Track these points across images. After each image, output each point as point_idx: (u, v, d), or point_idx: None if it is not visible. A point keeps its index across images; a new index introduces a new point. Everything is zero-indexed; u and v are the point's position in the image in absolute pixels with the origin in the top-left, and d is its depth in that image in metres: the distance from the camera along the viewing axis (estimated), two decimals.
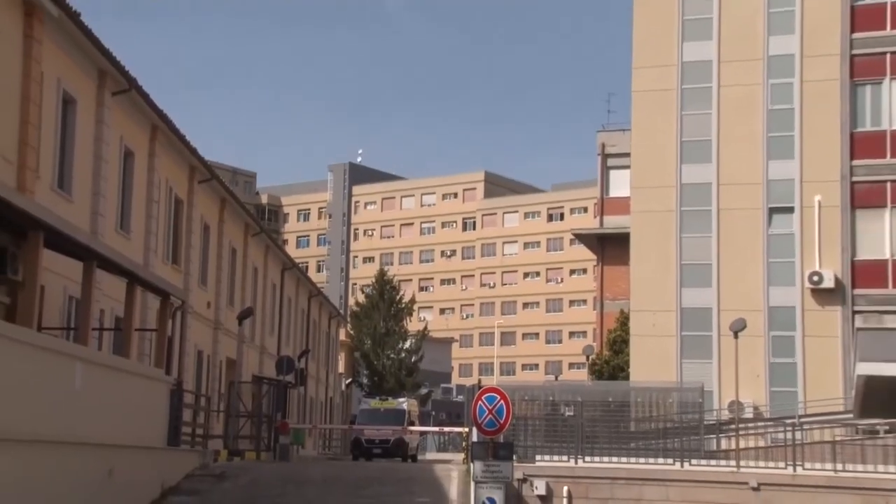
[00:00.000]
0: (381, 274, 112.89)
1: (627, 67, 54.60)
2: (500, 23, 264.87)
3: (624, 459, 35.21)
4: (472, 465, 22.98)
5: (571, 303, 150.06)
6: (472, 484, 22.82)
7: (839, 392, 44.13)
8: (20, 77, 26.30)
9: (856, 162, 50.39)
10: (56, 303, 28.69)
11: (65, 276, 27.50)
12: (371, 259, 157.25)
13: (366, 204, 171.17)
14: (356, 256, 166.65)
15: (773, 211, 51.64)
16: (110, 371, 25.93)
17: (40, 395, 20.48)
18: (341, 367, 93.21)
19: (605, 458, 35.08)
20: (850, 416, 31.11)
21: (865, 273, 49.73)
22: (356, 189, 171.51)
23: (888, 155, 50.08)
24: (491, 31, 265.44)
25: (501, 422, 22.49)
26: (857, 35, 50.92)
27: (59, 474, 21.41)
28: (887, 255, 49.54)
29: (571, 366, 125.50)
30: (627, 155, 57.37)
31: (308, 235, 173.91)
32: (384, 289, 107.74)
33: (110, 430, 24.76)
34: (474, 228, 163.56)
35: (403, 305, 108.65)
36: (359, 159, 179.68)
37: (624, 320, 58.91)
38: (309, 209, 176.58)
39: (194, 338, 41.97)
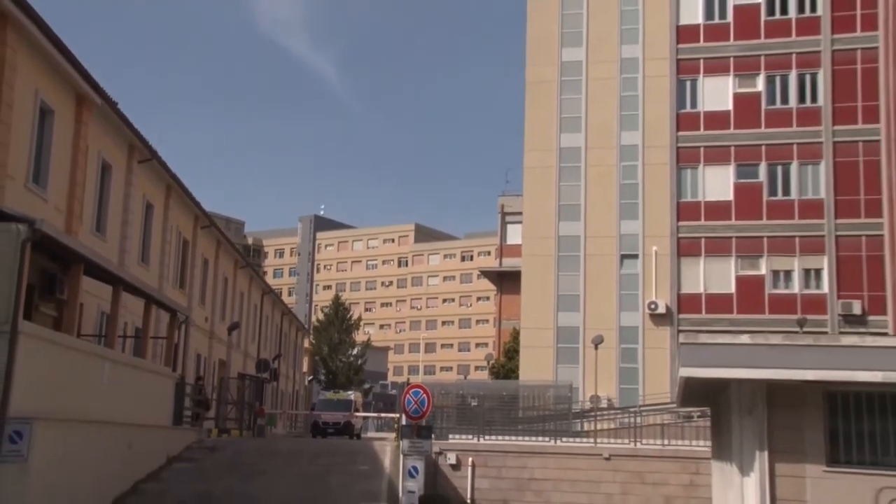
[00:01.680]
0: (336, 298, 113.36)
1: (521, 149, 55.00)
2: (430, 110, 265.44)
3: (513, 438, 35.46)
4: (401, 441, 23.04)
5: (477, 321, 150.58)
6: (401, 456, 22.89)
7: (667, 388, 44.79)
8: (71, 150, 26.55)
9: (680, 223, 51.19)
10: (91, 316, 28.66)
11: (98, 296, 27.53)
12: (329, 287, 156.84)
13: (326, 245, 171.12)
14: (318, 285, 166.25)
15: (623, 257, 52.18)
16: (130, 368, 26.08)
17: (79, 386, 20.72)
18: (305, 368, 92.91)
19: (500, 437, 35.30)
20: (675, 405, 31.48)
21: (686, 303, 50.54)
22: (319, 234, 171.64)
23: (702, 219, 51.01)
24: (422, 117, 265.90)
25: (424, 410, 22.58)
26: (681, 133, 51.83)
27: (94, 445, 21.61)
28: (701, 290, 50.45)
29: (477, 368, 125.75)
30: (520, 213, 57.89)
31: (282, 269, 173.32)
32: (338, 309, 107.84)
33: (130, 412, 24.91)
34: (406, 265, 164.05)
35: (352, 322, 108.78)
36: (321, 212, 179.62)
37: (516, 335, 59.22)
38: (283, 249, 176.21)
39: (194, 344, 41.90)
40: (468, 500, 31.60)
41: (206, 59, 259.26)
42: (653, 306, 50.60)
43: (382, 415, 70.33)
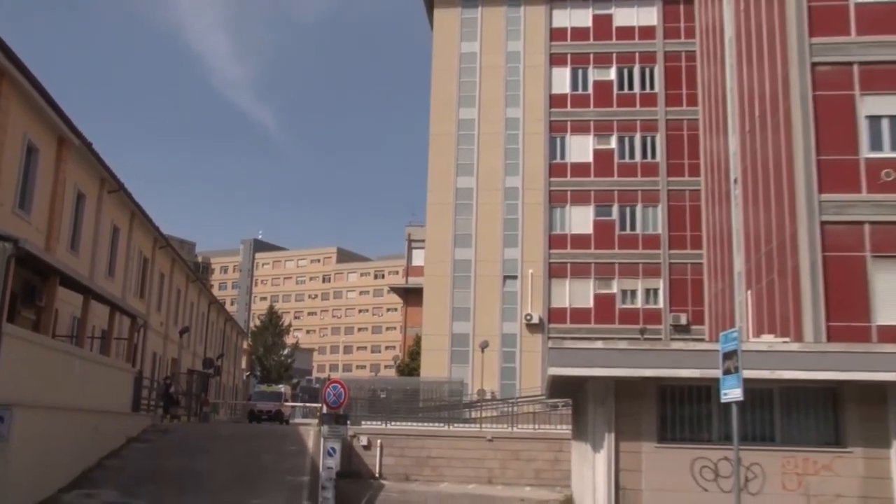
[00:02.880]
0: (271, 308, 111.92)
1: (425, 188, 55.12)
2: (352, 153, 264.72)
3: (414, 424, 35.46)
4: (322, 427, 22.91)
5: (387, 328, 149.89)
6: (322, 438, 22.76)
7: (539, 384, 45.14)
8: (52, 181, 26.12)
9: (551, 251, 51.88)
10: (65, 320, 28.07)
11: (71, 304, 26.94)
12: (265, 298, 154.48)
13: (263, 264, 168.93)
14: (256, 297, 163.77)
15: (505, 277, 52.48)
16: (97, 364, 25.63)
17: (53, 379, 20.32)
18: (243, 365, 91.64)
19: (404, 423, 35.28)
20: (544, 397, 31.84)
21: (555, 315, 51.13)
22: (258, 255, 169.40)
23: (568, 247, 51.77)
24: (346, 159, 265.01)
25: (341, 401, 22.41)
26: (552, 179, 52.61)
27: (65, 428, 21.28)
28: (567, 305, 51.12)
29: (386, 367, 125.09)
30: (423, 241, 57.84)
31: (226, 283, 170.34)
32: (272, 317, 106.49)
33: (96, 401, 24.51)
34: (329, 281, 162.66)
35: (283, 328, 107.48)
36: (260, 236, 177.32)
37: (418, 340, 59.18)
38: (227, 266, 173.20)
39: (151, 344, 40.99)
40: (376, 474, 31.49)
41: (168, 109, 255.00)
42: (528, 317, 51.09)
43: (307, 405, 69.58)
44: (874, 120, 24.34)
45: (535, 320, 50.87)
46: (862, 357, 17.29)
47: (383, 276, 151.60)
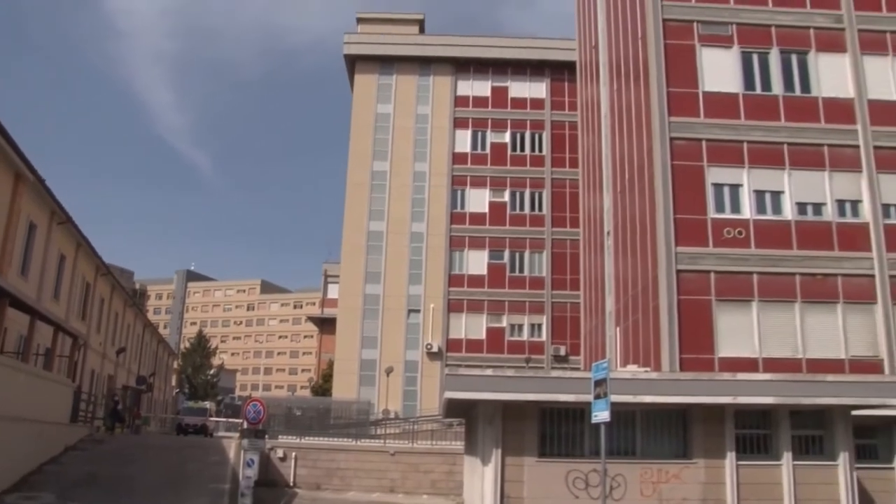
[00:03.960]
0: (200, 333, 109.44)
1: (341, 229, 55.09)
2: (278, 193, 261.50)
3: (326, 438, 35.26)
4: (242, 440, 22.76)
5: (303, 353, 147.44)
6: (242, 451, 22.60)
7: (437, 405, 45.43)
8: (7, 213, 25.50)
9: (450, 288, 52.44)
10: (12, 338, 27.33)
11: (19, 323, 26.26)
12: (195, 323, 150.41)
13: (194, 293, 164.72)
14: (187, 321, 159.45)
15: (410, 311, 52.65)
16: (41, 379, 25.02)
17: (3, 391, 19.79)
18: (173, 383, 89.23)
19: (316, 438, 35.06)
20: (440, 416, 32.08)
21: (452, 345, 51.53)
22: (190, 284, 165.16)
23: (465, 286, 52.47)
24: (273, 198, 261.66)
25: (260, 417, 22.27)
26: (453, 226, 53.34)
27: (10, 435, 20.67)
28: (463, 336, 51.70)
29: (301, 387, 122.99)
30: (338, 276, 57.66)
31: (161, 308, 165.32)
32: (200, 341, 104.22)
33: (39, 412, 23.91)
34: (253, 310, 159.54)
35: (211, 350, 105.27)
36: (192, 267, 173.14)
37: (331, 364, 58.59)
38: (162, 293, 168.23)
39: (90, 362, 40.01)
40: (291, 483, 31.25)
41: (115, 153, 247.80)
42: (429, 347, 51.44)
43: (230, 420, 68.23)
44: (718, 187, 25.92)
45: (435, 349, 51.30)
46: (706, 384, 18.36)
47: (301, 307, 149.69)
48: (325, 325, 66.06)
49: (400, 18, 59.27)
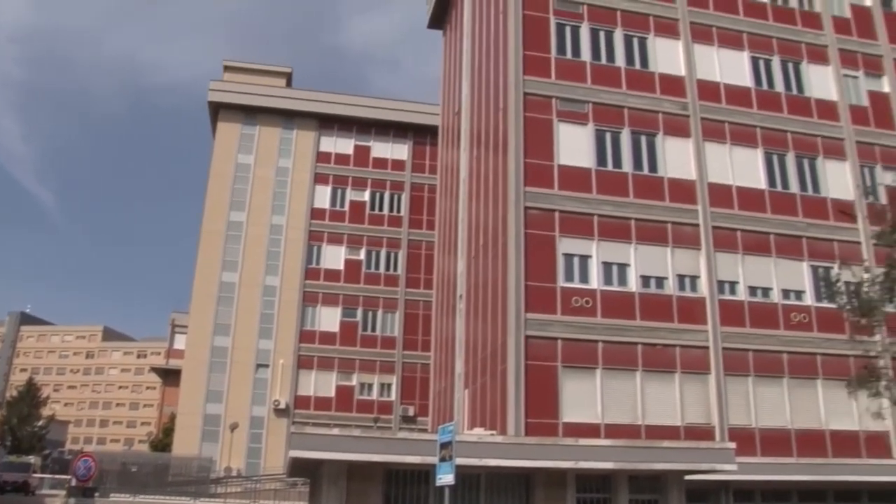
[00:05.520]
0: (30, 380, 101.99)
1: (192, 277, 53.39)
2: (125, 239, 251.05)
3: (163, 497, 33.65)
4: (69, 499, 21.22)
5: (144, 405, 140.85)
6: None
7: (282, 463, 44.19)
8: None
9: (301, 344, 51.50)
10: None
11: None
12: (26, 370, 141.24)
13: (27, 337, 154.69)
14: (17, 367, 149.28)
15: (258, 365, 51.25)
16: None
17: None
18: None
19: (152, 496, 33.36)
20: (285, 475, 31.16)
21: (301, 402, 50.40)
22: (23, 328, 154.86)
23: (317, 343, 51.69)
24: (120, 242, 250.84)
25: (90, 474, 20.93)
26: (307, 281, 52.62)
27: None
28: (312, 394, 50.67)
29: (140, 441, 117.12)
30: (186, 326, 55.81)
31: None
32: (30, 388, 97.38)
33: None
34: (93, 357, 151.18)
35: (41, 399, 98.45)
36: (28, 309, 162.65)
37: (173, 418, 56.17)
38: None
39: None
40: None
41: None
42: (276, 403, 50.12)
43: (57, 476, 63.83)
44: (568, 257, 26.74)
45: (283, 406, 50.02)
46: (550, 448, 18.60)
47: (146, 356, 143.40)
48: (170, 376, 63.33)
49: (267, 70, 58.89)
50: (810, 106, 32.27)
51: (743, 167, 30.13)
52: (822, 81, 33.00)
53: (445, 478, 15.58)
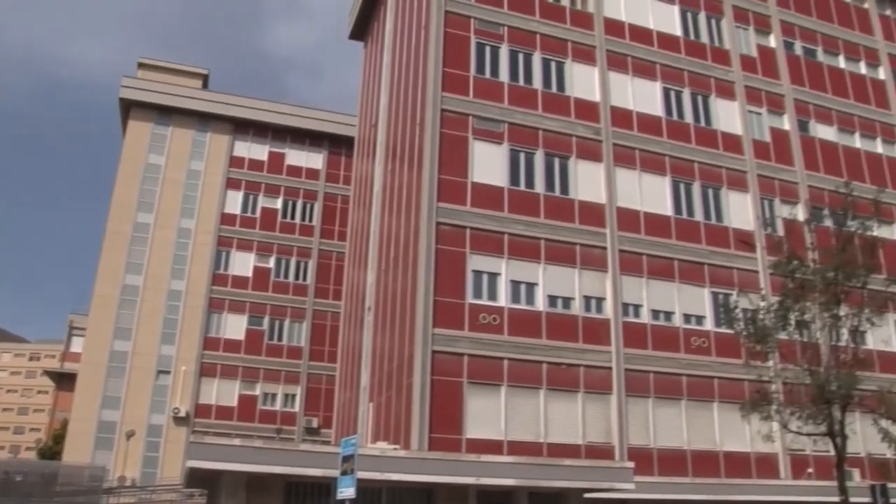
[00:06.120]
0: None
1: (93, 278, 51.72)
2: (23, 237, 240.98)
3: None
4: None
5: (34, 410, 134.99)
6: None
7: (179, 473, 43.07)
8: None
9: (205, 351, 50.27)
10: None
11: None
12: None
13: None
14: None
15: (159, 371, 49.82)
16: None
17: None
18: None
19: None
20: (181, 486, 30.32)
21: (202, 411, 49.19)
22: None
23: (221, 350, 50.58)
24: (16, 242, 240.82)
25: None
26: (214, 287, 51.58)
27: None
28: (213, 402, 49.53)
29: (27, 449, 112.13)
30: (84, 329, 53.90)
31: None
32: None
33: None
34: None
35: None
36: None
37: (66, 424, 54.07)
38: None
39: None
40: None
41: None
42: (176, 411, 48.77)
43: None
44: (477, 274, 26.97)
45: (183, 414, 48.71)
46: (452, 464, 18.64)
47: (39, 359, 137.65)
48: (65, 380, 61.03)
49: (184, 70, 57.71)
50: (717, 138, 33.46)
51: (651, 193, 30.99)
52: (728, 115, 34.29)
53: (346, 491, 15.45)
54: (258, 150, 56.04)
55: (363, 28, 45.73)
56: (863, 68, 39.62)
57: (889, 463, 26.39)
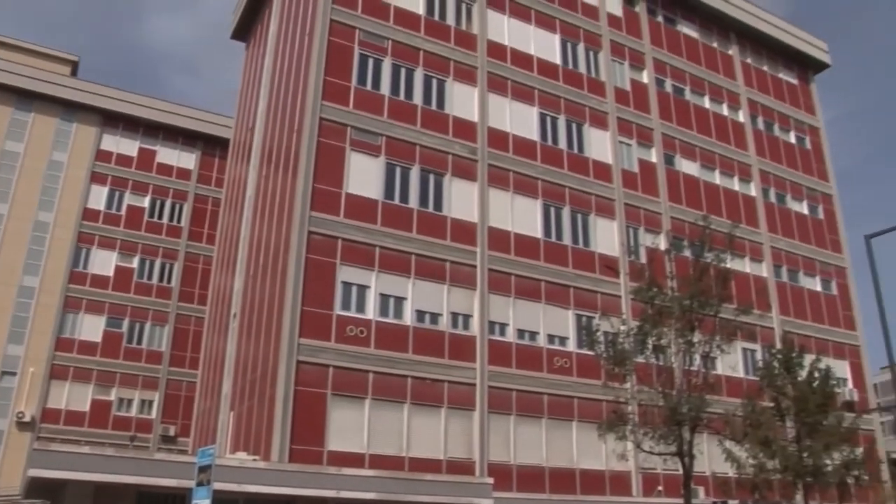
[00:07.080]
0: None
1: None
2: None
3: None
4: None
5: None
6: None
7: (20, 482, 40.73)
8: None
9: (57, 353, 47.75)
10: None
11: None
12: None
13: None
14: None
15: (4, 373, 46.79)
16: None
17: None
18: None
19: None
20: (20, 497, 28.73)
21: (50, 415, 46.58)
22: None
23: (75, 352, 48.15)
24: None
25: None
26: (70, 285, 49.17)
27: None
28: (63, 407, 47.10)
29: None
30: None
31: None
32: None
33: None
34: None
35: None
36: None
37: None
38: None
39: None
40: None
41: None
42: (20, 415, 45.96)
43: None
44: (347, 285, 26.98)
45: (27, 418, 45.99)
46: (312, 476, 18.55)
47: None
48: None
49: (51, 54, 55.05)
50: (588, 165, 34.72)
51: (522, 215, 31.83)
52: (600, 144, 35.67)
53: (202, 503, 15.11)
54: (127, 146, 53.98)
55: (246, 28, 45.05)
56: (725, 110, 42.09)
57: (730, 481, 27.92)
